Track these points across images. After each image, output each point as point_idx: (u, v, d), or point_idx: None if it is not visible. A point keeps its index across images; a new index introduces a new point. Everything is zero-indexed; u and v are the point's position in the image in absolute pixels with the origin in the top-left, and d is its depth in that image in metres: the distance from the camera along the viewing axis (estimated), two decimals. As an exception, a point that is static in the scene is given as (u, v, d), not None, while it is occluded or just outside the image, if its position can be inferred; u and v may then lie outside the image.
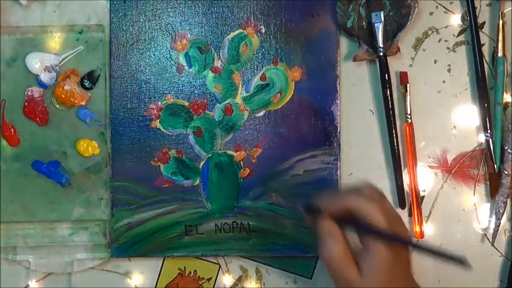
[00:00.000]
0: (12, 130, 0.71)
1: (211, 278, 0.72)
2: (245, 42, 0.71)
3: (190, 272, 0.72)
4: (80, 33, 0.71)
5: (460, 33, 0.71)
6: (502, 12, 0.70)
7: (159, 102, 0.71)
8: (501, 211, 0.70)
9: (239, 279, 0.72)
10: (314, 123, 0.70)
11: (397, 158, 0.70)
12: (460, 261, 0.55)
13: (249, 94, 0.71)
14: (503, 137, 0.70)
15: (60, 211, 0.71)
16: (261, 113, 0.71)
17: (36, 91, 0.71)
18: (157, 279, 0.72)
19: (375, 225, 0.57)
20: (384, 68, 0.69)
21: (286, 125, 0.71)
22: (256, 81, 0.71)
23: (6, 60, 0.71)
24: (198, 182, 0.71)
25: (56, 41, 0.71)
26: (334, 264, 0.58)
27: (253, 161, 0.71)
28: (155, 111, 0.71)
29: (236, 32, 0.71)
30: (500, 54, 0.70)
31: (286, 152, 0.71)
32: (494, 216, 0.70)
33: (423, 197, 0.71)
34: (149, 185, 0.71)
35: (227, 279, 0.72)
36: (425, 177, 0.71)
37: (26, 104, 0.71)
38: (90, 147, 0.71)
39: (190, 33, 0.71)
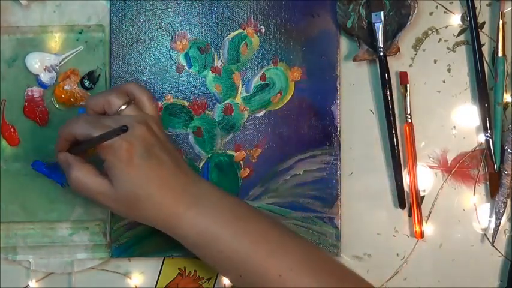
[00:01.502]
0: (12, 130, 0.71)
1: (211, 278, 0.72)
2: (245, 42, 0.71)
3: (190, 272, 0.72)
4: (80, 33, 0.71)
5: (460, 33, 0.71)
6: (502, 12, 0.70)
7: (159, 102, 0.71)
8: (501, 211, 0.70)
9: (239, 279, 0.72)
10: (314, 123, 0.70)
11: (397, 158, 0.70)
12: (118, 130, 0.56)
13: (249, 94, 0.71)
14: (503, 137, 0.70)
15: (60, 211, 0.71)
16: (261, 113, 0.71)
17: (36, 91, 0.71)
18: (157, 279, 0.72)
19: (88, 138, 0.60)
20: (384, 68, 0.69)
21: (286, 125, 0.71)
22: (256, 81, 0.71)
23: (6, 60, 0.71)
24: (198, 182, 0.71)
25: (56, 41, 0.71)
26: (79, 185, 0.61)
27: (253, 161, 0.71)
28: (155, 111, 0.71)
29: (236, 32, 0.71)
30: (500, 54, 0.70)
31: (286, 152, 0.71)
32: (494, 216, 0.70)
33: (423, 197, 0.71)
34: (149, 185, 0.71)
35: (227, 279, 0.72)
36: (425, 177, 0.71)
37: (26, 104, 0.71)
38: (90, 147, 0.71)
39: (190, 33, 0.71)
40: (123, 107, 0.62)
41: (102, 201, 0.62)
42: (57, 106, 0.71)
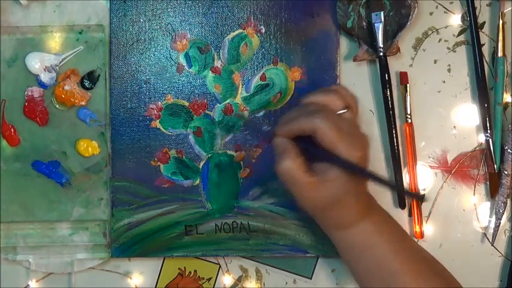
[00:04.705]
0: (12, 130, 0.71)
1: (211, 278, 0.72)
2: (245, 42, 0.71)
3: (190, 272, 0.72)
4: (80, 33, 0.71)
5: (460, 33, 0.71)
6: (502, 12, 0.70)
7: (159, 102, 0.71)
8: (501, 211, 0.70)
9: (239, 279, 0.72)
10: (314, 123, 0.70)
11: (397, 158, 0.70)
12: (417, 196, 0.57)
13: (249, 94, 0.71)
14: (503, 137, 0.70)
15: (60, 211, 0.71)
16: (261, 113, 0.71)
17: (36, 91, 0.71)
18: (157, 279, 0.72)
19: (327, 149, 0.60)
20: (384, 68, 0.69)
21: (286, 125, 0.71)
22: (256, 81, 0.71)
23: (6, 60, 0.71)
24: (198, 182, 0.71)
25: (56, 41, 0.71)
26: (286, 175, 0.61)
27: (253, 161, 0.71)
28: (155, 111, 0.71)
29: (236, 32, 0.71)
30: (500, 54, 0.70)
31: (286, 152, 0.71)
32: (494, 216, 0.70)
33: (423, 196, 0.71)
34: (149, 185, 0.71)
35: (227, 279, 0.72)
36: (425, 177, 0.71)
37: (26, 104, 0.71)
38: (90, 147, 0.71)
39: (190, 33, 0.71)
40: (343, 111, 0.63)
41: (301, 195, 0.62)
42: (57, 106, 0.71)
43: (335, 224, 0.64)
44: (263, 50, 0.71)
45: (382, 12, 0.69)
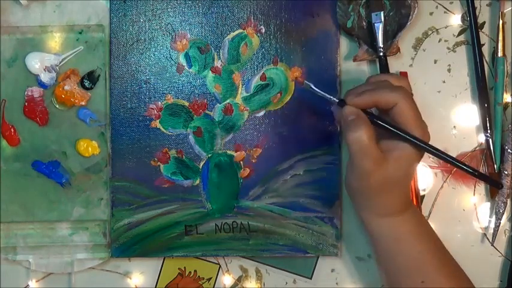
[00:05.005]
0: (12, 130, 0.71)
1: (211, 278, 0.72)
2: (245, 42, 0.71)
3: (190, 272, 0.72)
4: (80, 33, 0.71)
5: (460, 33, 0.71)
6: (502, 12, 0.70)
7: (159, 102, 0.71)
8: (501, 211, 0.70)
9: (239, 279, 0.72)
10: (314, 123, 0.70)
11: (397, 158, 0.70)
12: (495, 183, 0.60)
13: (249, 94, 0.71)
14: (503, 137, 0.70)
15: (60, 211, 0.71)
16: (261, 113, 0.71)
17: (36, 91, 0.71)
18: (157, 279, 0.72)
19: (404, 126, 0.60)
20: (384, 68, 0.69)
21: (286, 125, 0.71)
22: (256, 81, 0.71)
23: (6, 60, 0.71)
24: (198, 182, 0.71)
25: (56, 41, 0.71)
26: (358, 144, 0.59)
27: (253, 161, 0.71)
28: (155, 111, 0.71)
29: (236, 32, 0.71)
30: (500, 54, 0.70)
31: (286, 152, 0.71)
32: (494, 216, 0.70)
33: (423, 196, 0.71)
34: (149, 185, 0.71)
35: (227, 279, 0.72)
36: (425, 177, 0.71)
37: (26, 104, 0.71)
38: (90, 147, 0.71)
39: (190, 33, 0.71)
40: None
41: (368, 169, 0.60)
42: (57, 106, 0.71)
43: (380, 209, 0.63)
44: (263, 50, 0.71)
45: (382, 12, 0.69)
